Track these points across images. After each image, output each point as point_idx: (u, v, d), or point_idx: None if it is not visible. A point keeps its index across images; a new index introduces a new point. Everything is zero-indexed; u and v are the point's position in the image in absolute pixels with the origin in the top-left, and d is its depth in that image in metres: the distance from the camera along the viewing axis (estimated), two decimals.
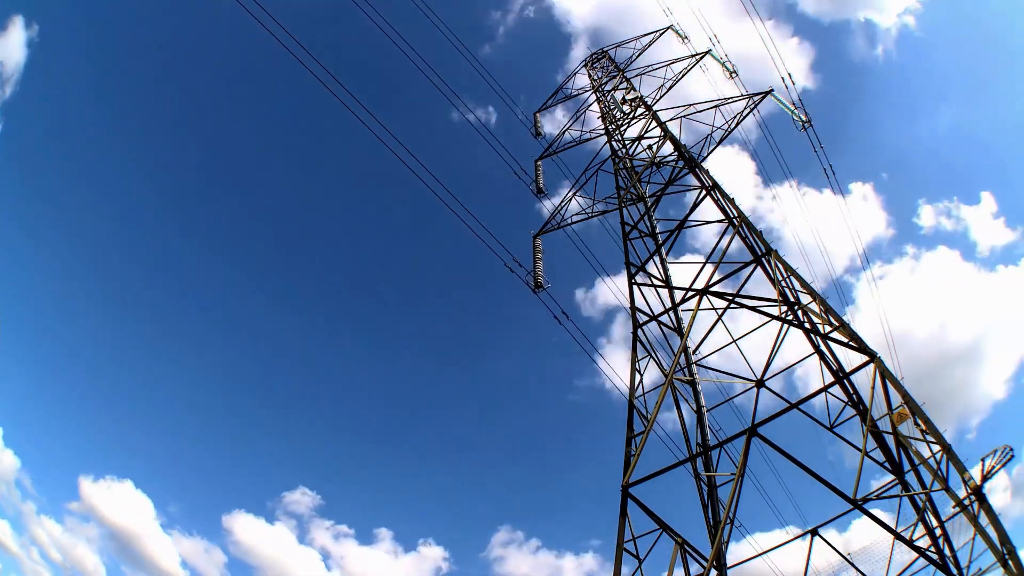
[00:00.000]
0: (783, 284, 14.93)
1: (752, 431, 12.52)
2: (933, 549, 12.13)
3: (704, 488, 15.17)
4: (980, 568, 10.81)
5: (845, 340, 13.25)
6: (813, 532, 12.87)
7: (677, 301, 17.79)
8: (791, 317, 14.50)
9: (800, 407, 13.32)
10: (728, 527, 13.60)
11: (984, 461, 10.82)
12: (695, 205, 18.05)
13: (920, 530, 12.63)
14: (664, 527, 13.35)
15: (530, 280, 21.64)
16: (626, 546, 13.24)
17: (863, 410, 13.79)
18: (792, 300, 14.59)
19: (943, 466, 11.20)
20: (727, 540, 13.78)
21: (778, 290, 14.74)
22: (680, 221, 18.52)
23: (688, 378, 17.16)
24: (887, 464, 13.68)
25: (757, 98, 20.78)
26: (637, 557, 13.31)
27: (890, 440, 13.34)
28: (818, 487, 11.59)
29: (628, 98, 23.98)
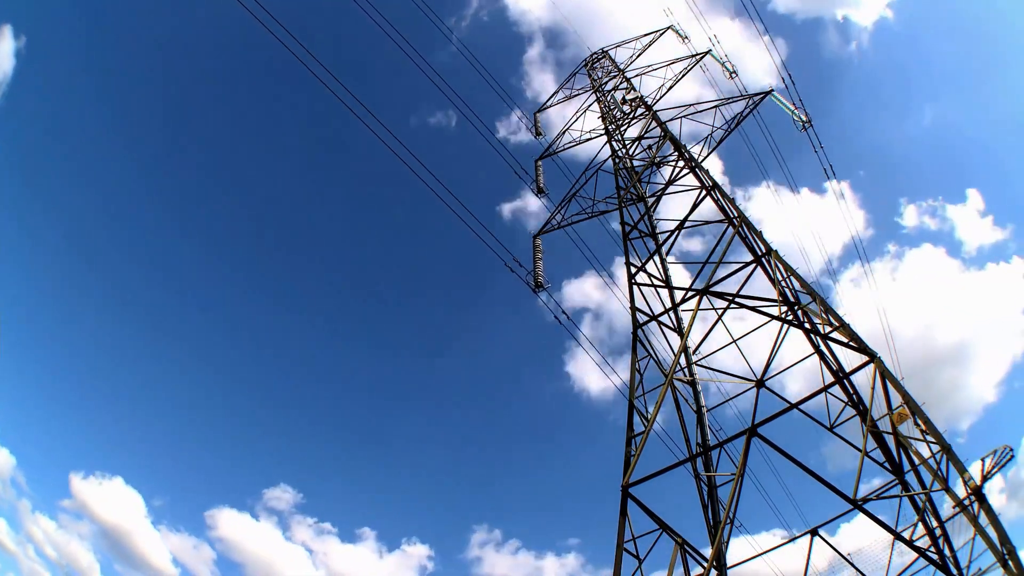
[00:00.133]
0: (783, 284, 14.93)
1: (752, 431, 12.53)
2: (933, 549, 12.13)
3: (704, 488, 15.18)
4: (980, 568, 10.81)
5: (845, 340, 13.26)
6: (813, 532, 12.86)
7: (677, 301, 17.80)
8: (791, 317, 14.51)
9: (800, 407, 13.34)
10: (728, 527, 13.60)
11: (984, 461, 10.82)
12: (695, 205, 18.05)
13: (920, 530, 12.63)
14: (664, 527, 13.35)
15: (530, 280, 21.65)
16: (626, 546, 13.25)
17: (863, 410, 13.80)
18: (792, 300, 14.59)
19: (943, 466, 11.20)
20: (727, 540, 13.78)
21: (778, 290, 14.74)
22: (680, 221, 18.53)
23: (688, 378, 17.17)
24: (887, 464, 13.69)
25: (757, 98, 20.79)
26: (637, 557, 13.31)
27: (890, 440, 13.35)
28: (818, 487, 11.62)
29: (628, 98, 23.98)
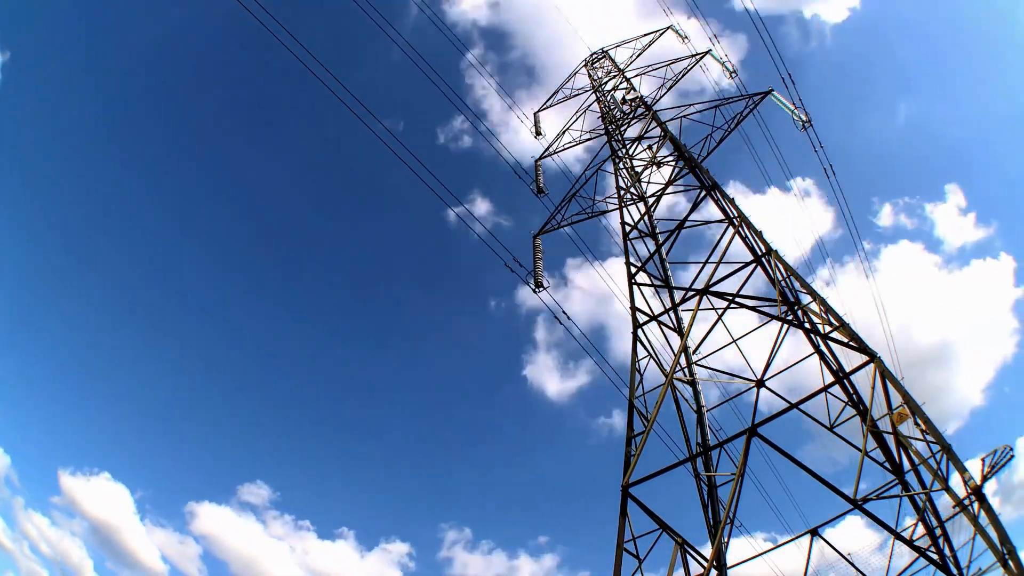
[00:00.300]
0: (783, 284, 14.93)
1: (752, 431, 12.53)
2: (933, 549, 12.13)
3: (704, 488, 15.18)
4: (980, 568, 10.80)
5: (845, 340, 13.25)
6: (813, 532, 12.87)
7: (677, 301, 17.80)
8: (791, 317, 14.51)
9: (800, 407, 13.34)
10: (728, 527, 13.60)
11: (984, 461, 10.81)
12: (695, 205, 18.07)
13: (920, 530, 12.64)
14: (664, 527, 13.35)
15: (530, 280, 21.65)
16: (626, 546, 13.25)
17: (863, 410, 13.80)
18: (792, 300, 14.59)
19: (943, 466, 11.20)
20: (727, 540, 13.78)
21: (778, 290, 14.74)
22: (680, 221, 18.54)
23: (688, 378, 17.17)
24: (887, 464, 13.69)
25: (757, 98, 20.78)
26: (637, 557, 13.31)
27: (890, 440, 13.35)
28: (818, 487, 11.62)
29: (628, 98, 23.98)
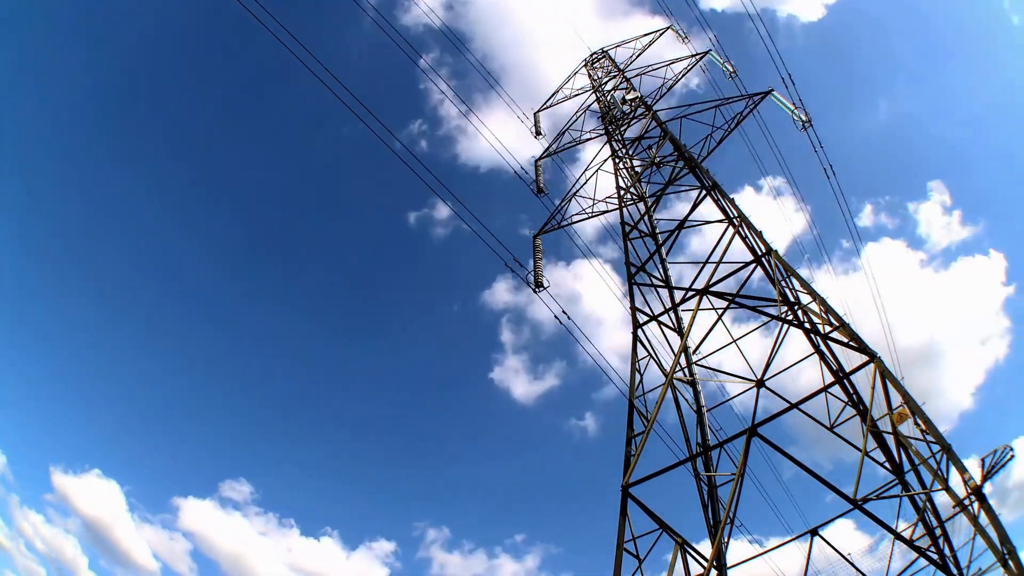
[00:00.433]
0: (783, 284, 14.93)
1: (752, 431, 12.53)
2: (933, 549, 12.13)
3: (704, 488, 15.18)
4: (980, 568, 10.81)
5: (845, 340, 13.25)
6: (813, 532, 12.87)
7: (677, 301, 17.80)
8: (791, 317, 14.51)
9: (800, 407, 13.34)
10: (728, 527, 13.59)
11: (984, 461, 10.81)
12: (695, 205, 18.05)
13: (920, 530, 12.63)
14: (664, 527, 13.35)
15: (531, 279, 21.64)
16: (626, 546, 13.25)
17: (863, 410, 13.79)
18: (792, 300, 14.59)
19: (943, 466, 11.19)
20: (727, 540, 13.78)
21: (778, 290, 14.74)
22: (680, 221, 18.53)
23: (688, 378, 17.17)
24: (887, 464, 13.69)
25: (757, 98, 20.78)
26: (637, 557, 13.31)
27: (890, 440, 13.35)
28: (818, 487, 11.62)
29: (628, 98, 23.96)
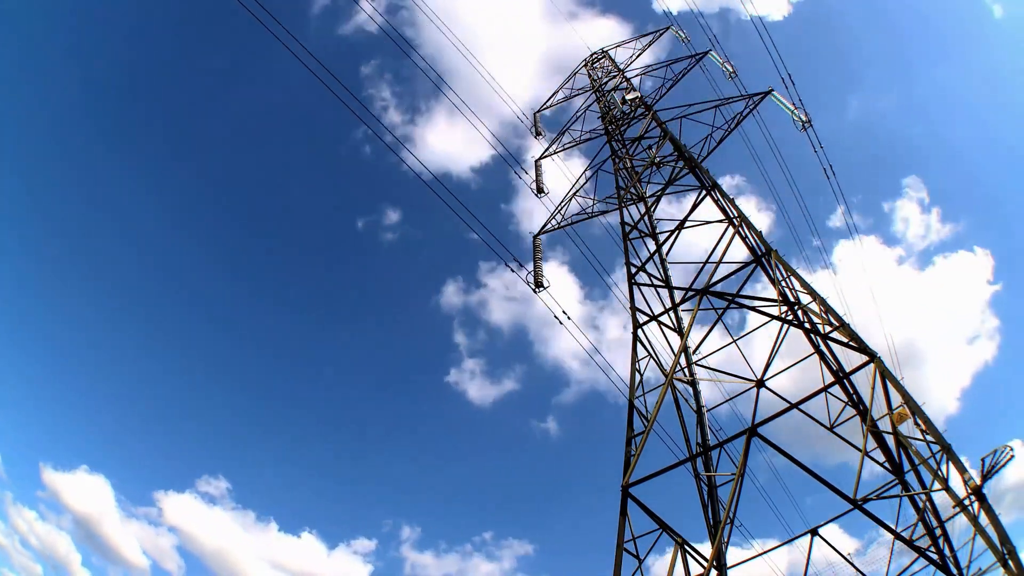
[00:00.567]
0: (783, 284, 14.93)
1: (752, 431, 12.53)
2: (933, 549, 12.13)
3: (704, 488, 15.18)
4: (980, 568, 10.81)
5: (845, 340, 13.25)
6: (813, 532, 12.86)
7: (677, 301, 17.79)
8: (791, 317, 14.50)
9: (800, 407, 13.33)
10: (728, 527, 13.59)
11: (984, 461, 10.80)
12: (695, 205, 18.05)
13: (920, 530, 12.63)
14: (664, 527, 13.35)
15: (530, 280, 21.63)
16: (626, 546, 13.25)
17: (863, 410, 13.79)
18: (792, 300, 14.59)
19: (943, 466, 11.19)
20: (727, 540, 13.78)
21: (778, 290, 14.74)
22: (680, 221, 18.53)
23: (688, 378, 17.16)
24: (887, 464, 13.68)
25: (757, 98, 20.78)
26: (637, 557, 13.31)
27: (890, 440, 13.34)
28: (818, 487, 11.62)
29: (628, 98, 23.96)
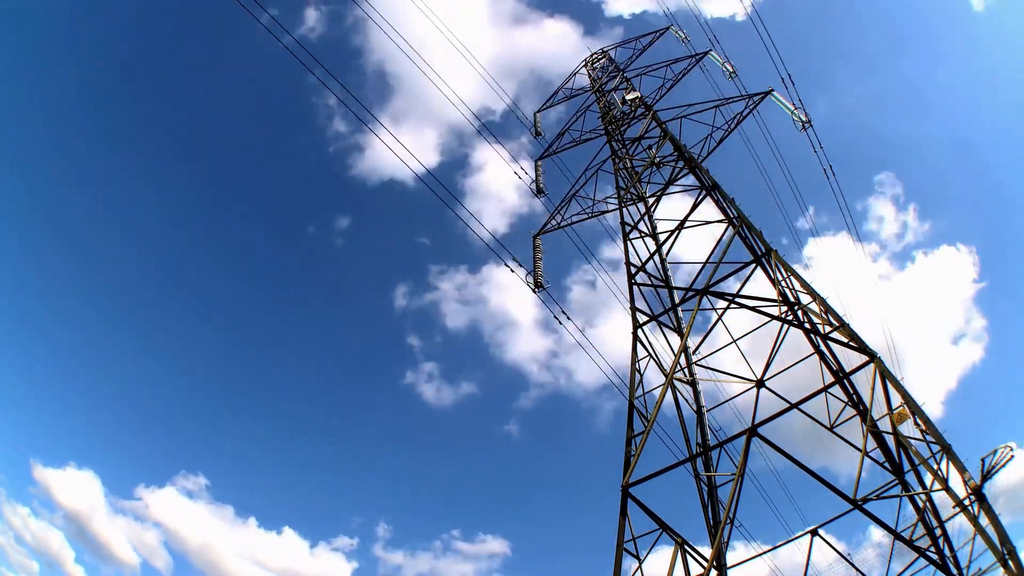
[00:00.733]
0: (783, 284, 14.93)
1: (752, 431, 12.53)
2: (933, 549, 12.13)
3: (704, 488, 15.17)
4: (980, 568, 10.80)
5: (845, 340, 13.25)
6: (813, 532, 12.86)
7: (677, 301, 17.79)
8: (791, 317, 14.50)
9: (800, 407, 13.33)
10: (728, 527, 13.59)
11: (984, 461, 10.79)
12: (695, 205, 18.05)
13: (920, 530, 12.62)
14: (664, 527, 13.34)
15: (530, 280, 21.62)
16: (626, 546, 13.24)
17: (863, 410, 13.79)
18: (792, 300, 14.59)
19: (943, 466, 11.19)
20: (727, 540, 13.78)
21: (778, 290, 14.74)
22: (680, 221, 18.53)
23: (688, 378, 17.16)
24: (887, 464, 13.68)
25: (757, 98, 20.79)
26: (637, 557, 13.31)
27: (890, 440, 13.34)
28: (818, 487, 11.62)
29: (628, 98, 23.96)
